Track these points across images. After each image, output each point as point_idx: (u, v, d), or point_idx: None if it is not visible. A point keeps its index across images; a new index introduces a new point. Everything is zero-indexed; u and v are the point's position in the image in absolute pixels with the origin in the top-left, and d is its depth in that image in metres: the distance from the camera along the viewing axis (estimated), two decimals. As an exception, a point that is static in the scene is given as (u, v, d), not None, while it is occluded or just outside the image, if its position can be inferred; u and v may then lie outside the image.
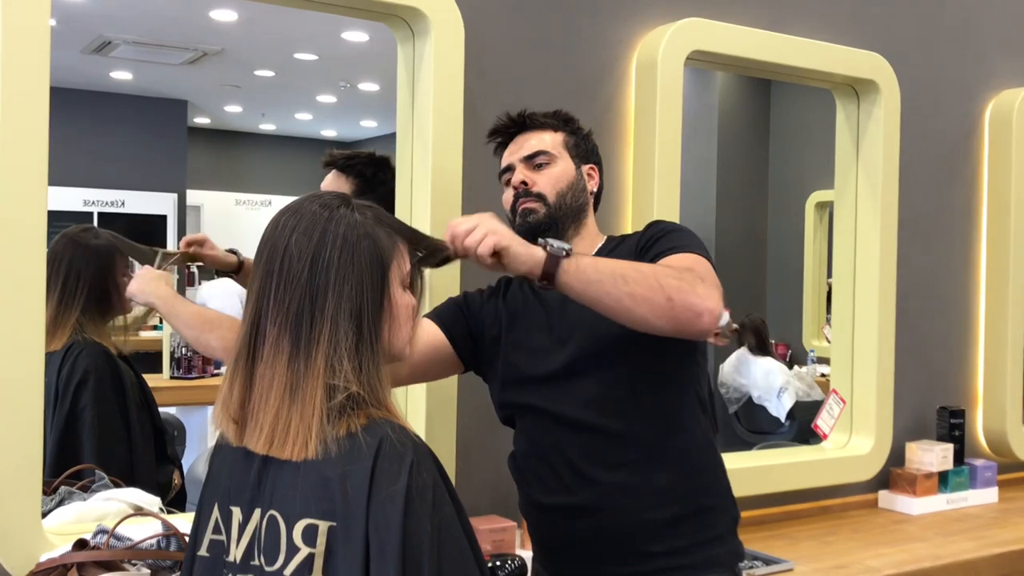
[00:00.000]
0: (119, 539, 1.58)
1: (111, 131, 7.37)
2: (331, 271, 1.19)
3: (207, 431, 3.80)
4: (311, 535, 1.14)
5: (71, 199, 7.28)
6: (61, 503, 1.89)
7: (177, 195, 7.85)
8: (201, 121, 8.66)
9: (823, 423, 2.83)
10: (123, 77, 6.89)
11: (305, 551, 1.14)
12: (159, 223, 7.63)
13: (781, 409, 4.83)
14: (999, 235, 3.17)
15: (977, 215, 3.20)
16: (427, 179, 2.11)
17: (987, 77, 3.22)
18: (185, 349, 4.02)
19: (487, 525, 2.04)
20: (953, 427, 3.00)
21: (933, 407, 3.06)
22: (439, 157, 2.11)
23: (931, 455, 2.89)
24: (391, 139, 2.20)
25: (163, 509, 1.86)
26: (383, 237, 1.24)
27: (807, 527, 2.67)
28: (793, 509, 2.74)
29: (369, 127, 8.59)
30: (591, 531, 1.69)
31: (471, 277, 2.00)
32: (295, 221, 1.22)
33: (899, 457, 2.94)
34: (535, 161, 1.78)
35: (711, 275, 1.58)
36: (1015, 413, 3.18)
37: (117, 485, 2.01)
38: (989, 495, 3.00)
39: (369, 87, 6.98)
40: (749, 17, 2.64)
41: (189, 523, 1.34)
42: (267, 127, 9.21)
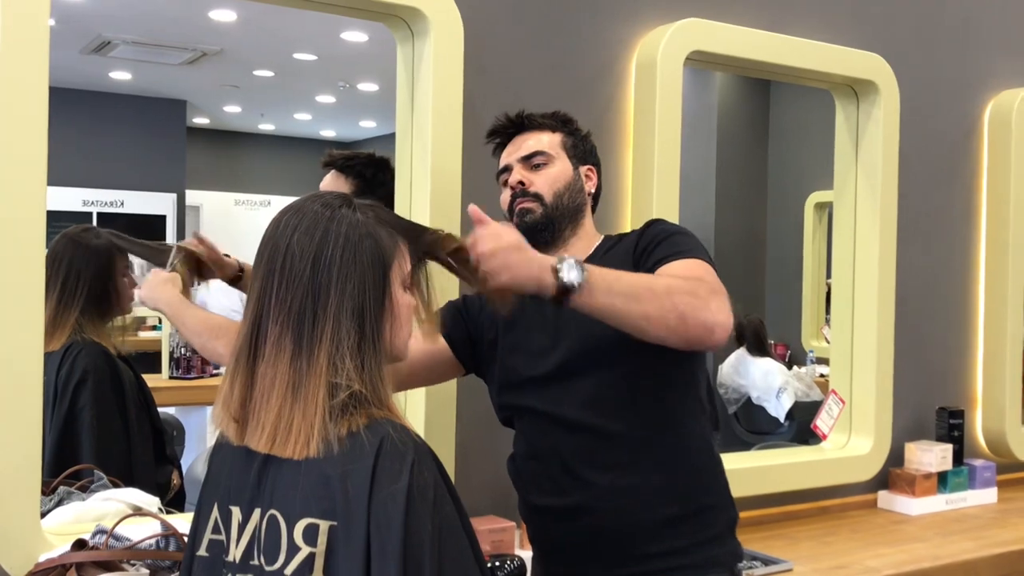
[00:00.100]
0: (118, 539, 1.58)
1: (110, 131, 7.37)
2: (333, 270, 1.19)
3: (206, 431, 3.80)
4: (312, 534, 1.14)
5: (70, 199, 7.28)
6: (60, 503, 1.89)
7: (176, 195, 7.85)
8: (200, 121, 8.65)
9: (822, 423, 2.83)
10: (122, 77, 6.89)
11: (306, 550, 1.14)
12: (158, 223, 7.63)
13: (780, 409, 4.84)
14: (998, 236, 3.17)
15: (976, 216, 3.20)
16: (426, 179, 2.11)
17: (986, 77, 3.22)
18: (184, 349, 4.02)
19: (486, 526, 2.04)
20: (952, 427, 3.00)
21: (932, 407, 3.06)
22: (438, 157, 2.11)
23: (930, 455, 2.89)
24: (390, 139, 2.20)
25: (162, 509, 1.86)
26: (384, 237, 1.24)
27: (806, 527, 2.67)
28: (792, 509, 2.74)
29: (368, 127, 8.58)
30: (590, 532, 1.69)
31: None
32: (297, 220, 1.22)
33: (898, 457, 2.93)
34: (533, 161, 1.78)
35: (719, 283, 1.58)
36: (1014, 413, 3.18)
37: (116, 485, 2.01)
38: (988, 495, 3.00)
39: (368, 87, 6.98)
40: (748, 17, 2.64)
41: (188, 523, 1.34)
42: (266, 127, 9.20)
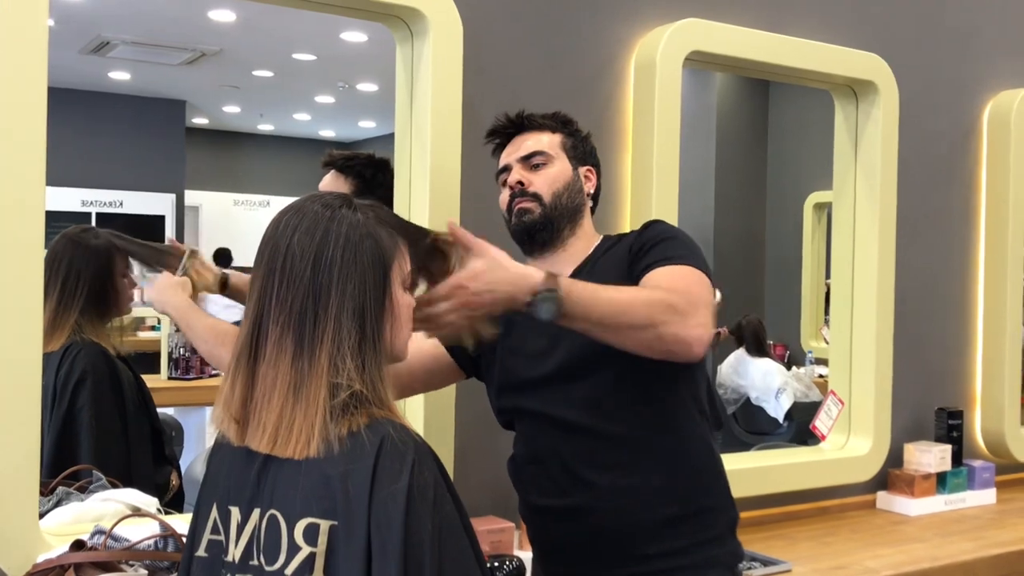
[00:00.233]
0: (116, 540, 1.58)
1: (109, 131, 7.38)
2: (334, 270, 1.19)
3: (205, 431, 3.80)
4: (312, 534, 1.14)
5: (69, 199, 7.29)
6: (59, 504, 1.89)
7: (175, 195, 7.85)
8: (199, 121, 8.66)
9: (821, 424, 2.83)
10: (121, 77, 6.90)
11: (306, 550, 1.14)
12: (157, 223, 7.64)
13: (779, 410, 4.84)
14: (997, 236, 3.17)
15: (975, 216, 3.20)
16: (425, 179, 2.11)
17: (985, 78, 3.22)
18: (183, 350, 4.02)
19: (485, 526, 2.04)
20: (951, 428, 3.00)
21: (931, 408, 3.06)
22: (438, 157, 2.11)
23: (929, 456, 2.89)
24: (389, 139, 2.20)
25: (161, 510, 1.86)
26: (385, 237, 1.24)
27: (805, 528, 2.67)
28: (791, 510, 2.74)
29: (367, 127, 8.60)
30: (590, 533, 1.69)
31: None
32: (297, 220, 1.22)
33: (897, 458, 2.93)
34: (532, 161, 1.77)
35: (704, 293, 1.57)
36: (1013, 414, 3.17)
37: (115, 486, 2.00)
38: (987, 496, 3.00)
39: (367, 87, 6.99)
40: (748, 18, 2.64)
41: (187, 524, 1.34)
42: (265, 127, 9.21)
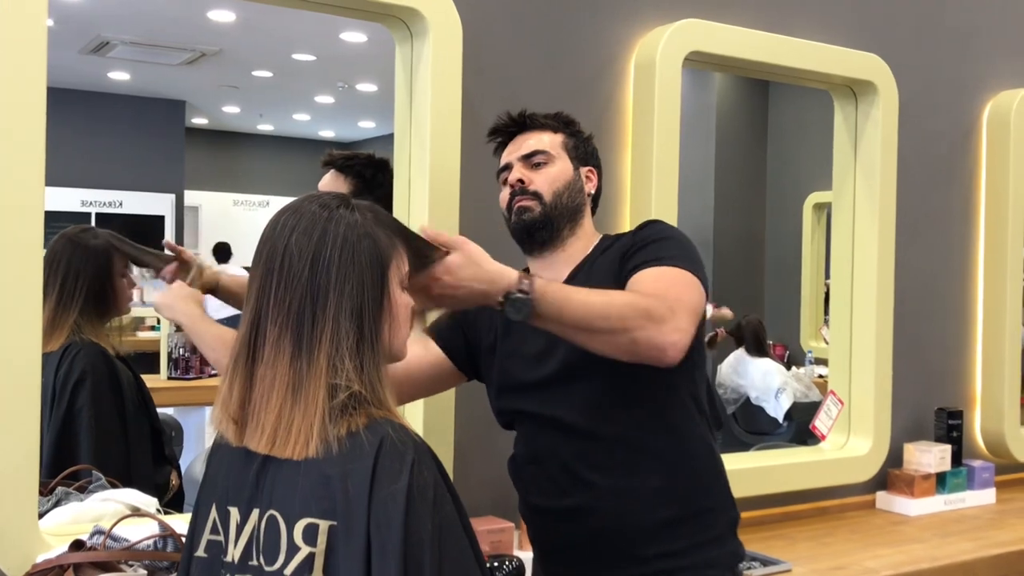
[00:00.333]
0: (116, 540, 1.58)
1: (109, 131, 7.38)
2: (332, 270, 1.19)
3: (204, 432, 3.80)
4: (312, 534, 1.14)
5: (69, 199, 7.28)
6: (58, 504, 1.88)
7: (175, 195, 7.85)
8: (199, 121, 8.66)
9: (821, 424, 2.83)
10: (121, 77, 6.90)
11: (306, 550, 1.14)
12: (157, 223, 7.64)
13: (779, 410, 4.84)
14: (997, 236, 3.17)
15: (975, 216, 3.20)
16: (425, 179, 2.11)
17: (985, 78, 3.22)
18: (183, 350, 4.02)
19: (485, 526, 2.04)
20: (951, 428, 3.00)
21: (931, 408, 3.06)
22: (437, 157, 2.11)
23: (929, 456, 2.89)
24: (389, 140, 2.20)
25: (160, 510, 1.86)
26: (383, 237, 1.24)
27: (805, 528, 2.67)
28: (791, 510, 2.74)
29: (367, 128, 8.59)
30: (590, 533, 1.69)
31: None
32: (295, 221, 1.22)
33: (897, 458, 2.93)
34: (533, 160, 1.77)
35: (688, 296, 1.57)
36: (1013, 414, 3.17)
37: (114, 486, 2.00)
38: (987, 496, 3.00)
39: (367, 88, 6.98)
40: (747, 18, 2.64)
41: (186, 524, 1.34)
42: (265, 127, 9.21)
